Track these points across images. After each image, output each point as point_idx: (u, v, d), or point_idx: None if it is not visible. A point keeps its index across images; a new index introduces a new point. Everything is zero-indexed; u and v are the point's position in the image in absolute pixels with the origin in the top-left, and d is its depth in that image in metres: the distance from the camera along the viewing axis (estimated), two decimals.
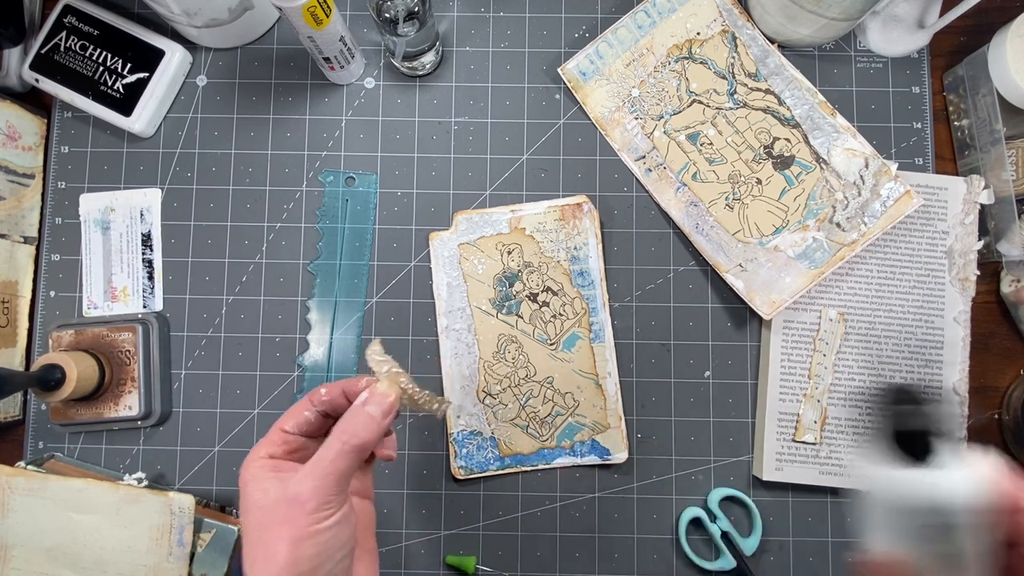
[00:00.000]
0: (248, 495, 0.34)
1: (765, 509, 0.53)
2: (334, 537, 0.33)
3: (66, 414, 0.53)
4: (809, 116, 0.54)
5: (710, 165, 0.55)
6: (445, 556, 0.53)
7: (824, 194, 0.54)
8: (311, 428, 0.37)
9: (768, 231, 0.54)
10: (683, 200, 0.55)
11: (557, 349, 0.54)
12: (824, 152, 0.54)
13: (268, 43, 0.58)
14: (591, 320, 0.54)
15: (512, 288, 0.55)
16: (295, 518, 0.32)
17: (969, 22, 0.55)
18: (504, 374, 0.54)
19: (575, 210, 0.55)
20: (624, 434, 0.53)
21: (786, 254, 0.53)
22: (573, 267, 0.55)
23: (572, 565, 0.53)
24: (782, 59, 0.55)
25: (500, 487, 0.54)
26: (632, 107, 0.56)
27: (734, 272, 0.54)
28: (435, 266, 0.55)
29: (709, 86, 0.56)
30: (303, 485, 0.32)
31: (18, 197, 0.55)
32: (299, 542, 0.31)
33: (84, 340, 0.53)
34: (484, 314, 0.54)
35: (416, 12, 0.50)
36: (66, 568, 0.49)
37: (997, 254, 0.54)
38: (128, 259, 0.56)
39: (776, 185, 0.54)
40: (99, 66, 0.55)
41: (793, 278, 0.53)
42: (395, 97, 0.58)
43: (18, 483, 0.49)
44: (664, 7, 0.56)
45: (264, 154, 0.57)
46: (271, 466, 0.34)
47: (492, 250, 0.55)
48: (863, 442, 0.53)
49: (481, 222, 0.55)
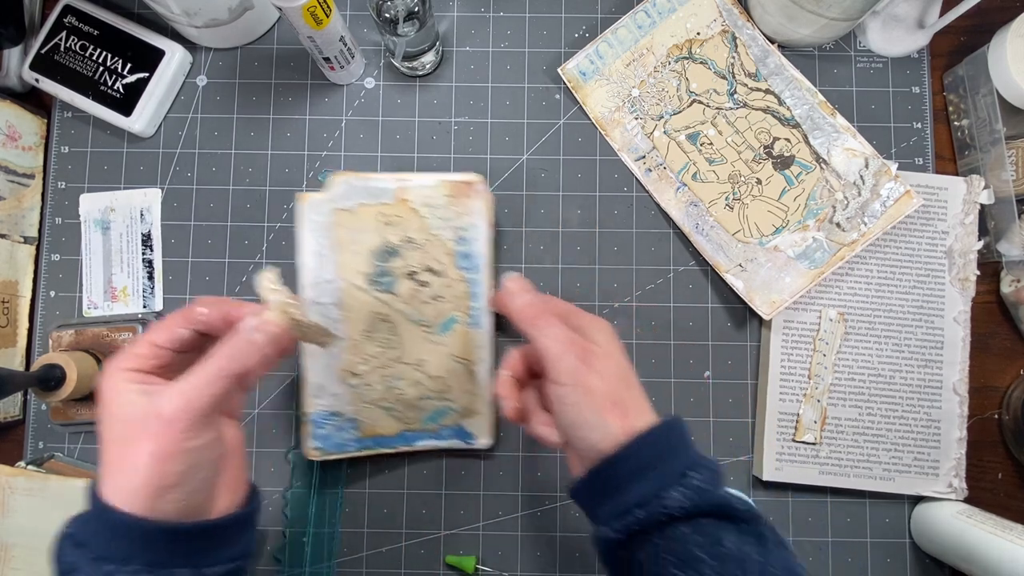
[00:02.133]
0: (109, 407, 0.32)
1: (765, 509, 0.53)
2: (201, 456, 0.32)
3: (66, 414, 0.53)
4: (809, 116, 0.54)
5: (710, 165, 0.55)
6: (445, 556, 0.53)
7: (824, 194, 0.54)
8: (184, 345, 0.35)
9: (768, 231, 0.54)
10: (683, 200, 0.55)
11: (432, 332, 0.51)
12: (824, 152, 0.54)
13: (268, 43, 0.58)
14: (471, 305, 0.51)
15: (390, 264, 0.51)
16: (161, 435, 0.31)
17: (969, 22, 0.55)
18: (372, 354, 0.51)
19: (467, 188, 0.51)
20: (492, 420, 0.52)
21: (786, 254, 0.53)
22: (459, 248, 0.51)
23: (572, 565, 0.53)
24: (782, 59, 0.55)
25: (500, 486, 0.54)
26: (632, 107, 0.56)
27: (734, 272, 0.54)
28: (303, 231, 0.50)
29: (709, 86, 0.56)
30: (173, 403, 0.31)
31: (18, 197, 0.55)
32: (165, 459, 0.31)
33: (84, 340, 0.53)
34: (356, 289, 0.50)
35: (416, 12, 0.50)
36: None
37: (997, 254, 0.54)
38: (128, 259, 0.56)
39: (776, 185, 0.54)
40: (99, 66, 0.55)
41: (793, 278, 0.53)
42: (395, 97, 0.58)
43: (18, 483, 0.49)
44: (664, 7, 0.56)
45: (264, 154, 0.57)
46: (136, 379, 0.33)
47: (372, 220, 0.51)
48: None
49: (363, 188, 0.51)
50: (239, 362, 0.33)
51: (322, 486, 0.54)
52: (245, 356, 0.33)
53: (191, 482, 0.32)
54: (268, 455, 0.54)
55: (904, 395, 0.53)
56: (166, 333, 0.35)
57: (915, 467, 0.53)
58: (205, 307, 0.35)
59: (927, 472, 0.53)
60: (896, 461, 0.53)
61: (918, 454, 0.53)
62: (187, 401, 0.32)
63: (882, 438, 0.53)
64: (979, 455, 0.54)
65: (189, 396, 0.32)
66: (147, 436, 0.31)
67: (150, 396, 0.32)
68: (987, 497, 0.53)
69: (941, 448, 0.53)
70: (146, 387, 0.32)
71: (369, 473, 0.54)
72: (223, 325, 0.35)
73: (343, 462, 0.54)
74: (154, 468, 0.30)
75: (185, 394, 0.32)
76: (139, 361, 0.34)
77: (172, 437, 0.31)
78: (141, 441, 0.31)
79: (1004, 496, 0.54)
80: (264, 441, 0.55)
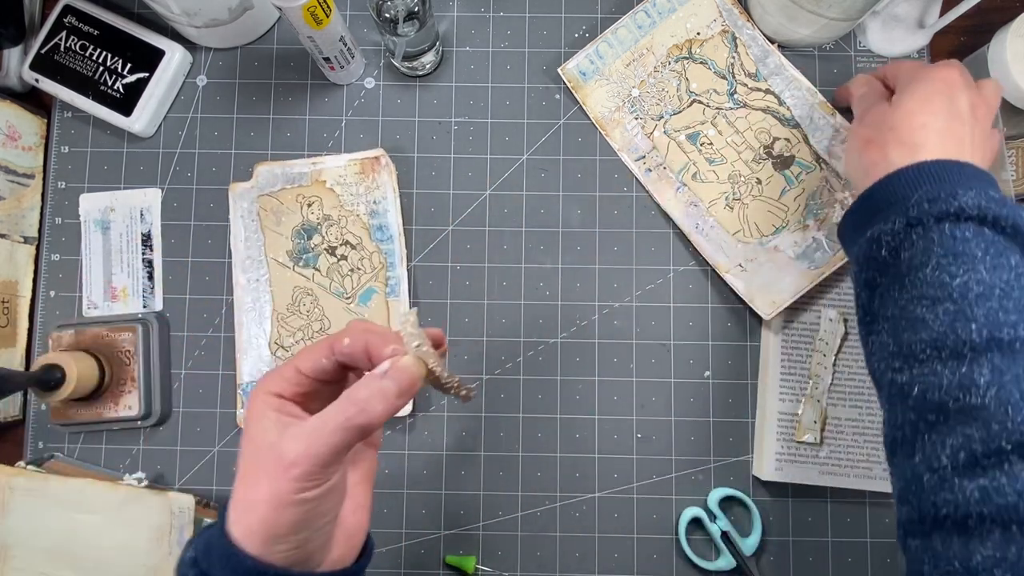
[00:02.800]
0: (249, 430, 0.31)
1: (765, 509, 0.53)
2: (317, 507, 0.30)
3: (66, 414, 0.53)
4: (809, 116, 0.55)
5: (710, 165, 0.55)
6: (445, 556, 0.53)
7: (825, 194, 0.54)
8: (325, 374, 0.33)
9: (768, 231, 0.54)
10: (683, 200, 0.55)
11: (353, 303, 0.54)
12: (824, 152, 0.54)
13: (268, 43, 0.58)
14: (388, 275, 0.55)
15: (311, 241, 0.55)
16: (279, 479, 0.29)
17: (969, 22, 0.55)
18: (298, 327, 0.54)
19: (374, 163, 0.55)
20: None
21: (786, 254, 0.53)
22: (372, 221, 0.55)
23: (572, 565, 0.53)
24: (782, 59, 0.55)
25: (500, 486, 0.54)
26: (632, 107, 0.56)
27: (734, 272, 0.54)
28: (233, 217, 0.55)
29: (709, 86, 0.56)
30: (294, 447, 0.29)
31: (18, 197, 0.55)
32: (279, 506, 0.29)
33: (84, 340, 0.53)
34: (281, 266, 0.55)
35: (416, 12, 0.50)
36: (66, 568, 0.49)
37: None
38: (128, 259, 0.56)
39: (776, 185, 0.54)
40: (99, 66, 0.55)
41: (793, 278, 0.53)
42: (395, 97, 0.58)
43: (18, 483, 0.49)
44: (664, 7, 0.56)
45: (264, 154, 0.57)
46: (276, 405, 0.31)
47: (292, 202, 0.55)
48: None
49: (282, 174, 0.55)
50: (366, 412, 0.30)
51: None
52: (373, 404, 0.31)
53: (304, 532, 0.30)
54: None
55: None
56: (310, 361, 0.32)
57: None
58: (350, 335, 0.33)
59: None
60: None
61: None
62: (307, 447, 0.29)
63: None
64: None
65: (310, 441, 0.30)
66: (267, 475, 0.29)
67: (282, 428, 0.30)
68: None
69: None
70: (283, 417, 0.31)
71: None
72: (365, 359, 0.33)
73: None
74: (268, 514, 0.29)
75: (307, 439, 0.30)
76: (284, 385, 0.32)
77: (287, 485, 0.29)
78: (262, 478, 0.29)
79: None
80: None
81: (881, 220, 0.37)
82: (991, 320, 0.32)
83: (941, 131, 0.39)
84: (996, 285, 0.32)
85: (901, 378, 0.35)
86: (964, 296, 0.32)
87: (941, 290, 0.33)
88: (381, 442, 0.38)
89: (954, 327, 0.32)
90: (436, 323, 0.55)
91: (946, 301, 0.33)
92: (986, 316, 0.32)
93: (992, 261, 0.33)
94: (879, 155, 0.40)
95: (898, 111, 0.41)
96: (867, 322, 0.39)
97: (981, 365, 0.32)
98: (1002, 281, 0.32)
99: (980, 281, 0.32)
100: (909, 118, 0.41)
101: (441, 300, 0.56)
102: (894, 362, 0.36)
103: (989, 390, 0.31)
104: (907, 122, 0.40)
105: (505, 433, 0.54)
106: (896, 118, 0.41)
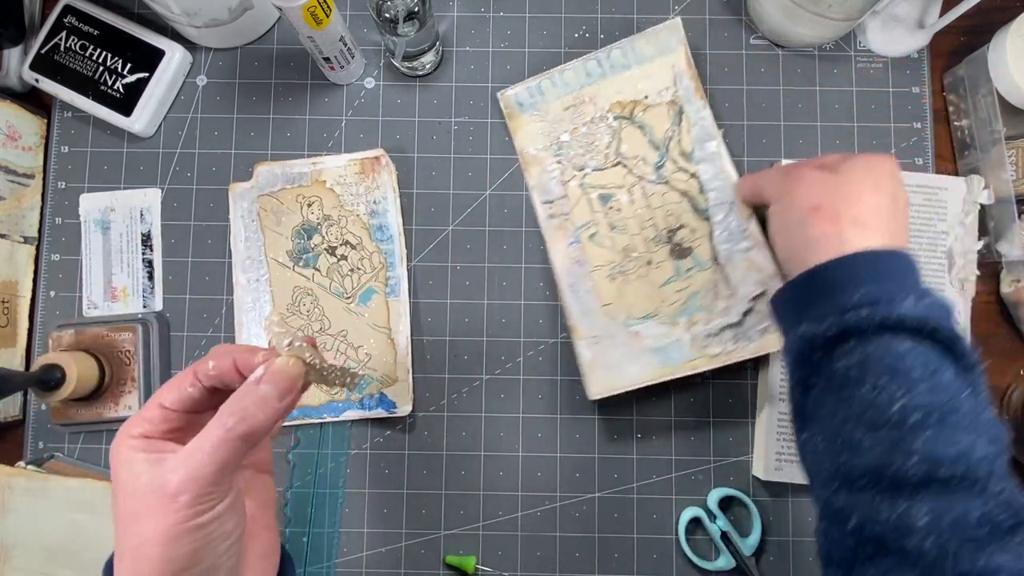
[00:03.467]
0: (117, 479, 0.29)
1: (765, 509, 0.53)
2: (215, 531, 0.29)
3: (66, 414, 0.53)
4: (724, 214, 0.51)
5: (611, 231, 0.53)
6: (445, 556, 0.53)
7: (707, 298, 0.51)
8: (195, 404, 0.31)
9: (637, 315, 0.52)
10: (571, 256, 0.53)
11: (353, 303, 0.54)
12: (725, 256, 0.51)
13: (268, 43, 0.58)
14: (388, 275, 0.55)
15: (311, 241, 0.55)
16: (167, 512, 0.27)
17: (969, 22, 0.55)
18: (298, 327, 0.55)
19: (374, 163, 0.55)
20: (410, 387, 0.53)
21: (644, 343, 0.51)
22: (372, 221, 0.55)
23: (572, 565, 0.53)
24: (722, 148, 0.52)
25: (500, 486, 0.54)
26: (558, 151, 0.54)
27: (587, 342, 0.51)
28: (233, 217, 0.55)
29: (639, 153, 0.53)
30: (176, 475, 0.28)
31: (18, 197, 0.55)
32: (173, 540, 0.27)
33: (84, 340, 0.53)
34: (280, 266, 0.55)
35: (416, 12, 0.50)
36: (66, 568, 0.49)
37: (997, 254, 0.54)
38: (128, 259, 0.56)
39: (664, 272, 0.52)
40: (99, 66, 0.55)
41: (640, 369, 0.50)
42: (395, 97, 0.58)
43: (18, 483, 0.49)
44: (619, 62, 0.54)
45: (264, 154, 0.57)
46: (144, 446, 0.29)
47: (292, 202, 0.55)
48: None
49: (282, 174, 0.55)
50: (247, 421, 0.29)
51: (322, 485, 0.54)
52: (254, 411, 0.29)
53: (208, 559, 0.29)
54: None
55: None
56: (174, 392, 0.31)
57: None
58: (215, 359, 0.31)
59: None
60: None
61: None
62: (189, 470, 0.28)
63: None
64: None
65: (191, 464, 0.28)
66: (153, 512, 0.28)
67: (158, 466, 0.28)
68: None
69: None
70: (155, 455, 0.29)
71: (369, 473, 0.54)
72: (236, 376, 0.31)
73: (344, 461, 0.54)
74: (163, 552, 0.27)
75: (187, 463, 0.28)
76: (148, 426, 0.30)
77: (177, 516, 0.27)
78: (148, 518, 0.28)
79: None
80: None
81: (816, 319, 0.36)
82: (929, 454, 0.31)
83: (889, 217, 0.38)
84: (934, 411, 0.31)
85: (838, 501, 0.34)
86: (902, 423, 0.32)
87: (878, 414, 0.32)
88: (272, 468, 0.37)
89: (892, 458, 0.31)
90: (436, 323, 0.55)
91: (884, 427, 0.32)
92: (924, 448, 0.31)
93: (929, 382, 0.32)
94: (831, 227, 0.38)
95: (851, 186, 0.39)
96: (801, 419, 0.38)
97: (920, 504, 0.31)
98: (940, 405, 0.31)
99: (918, 407, 0.32)
100: (862, 197, 0.39)
101: (441, 300, 0.56)
102: (831, 482, 0.34)
103: (928, 536, 0.30)
104: (861, 201, 0.39)
105: (505, 433, 0.55)
106: (850, 192, 0.39)
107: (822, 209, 0.39)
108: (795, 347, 0.37)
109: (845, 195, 0.39)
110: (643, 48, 0.54)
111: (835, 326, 0.34)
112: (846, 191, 0.39)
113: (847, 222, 0.38)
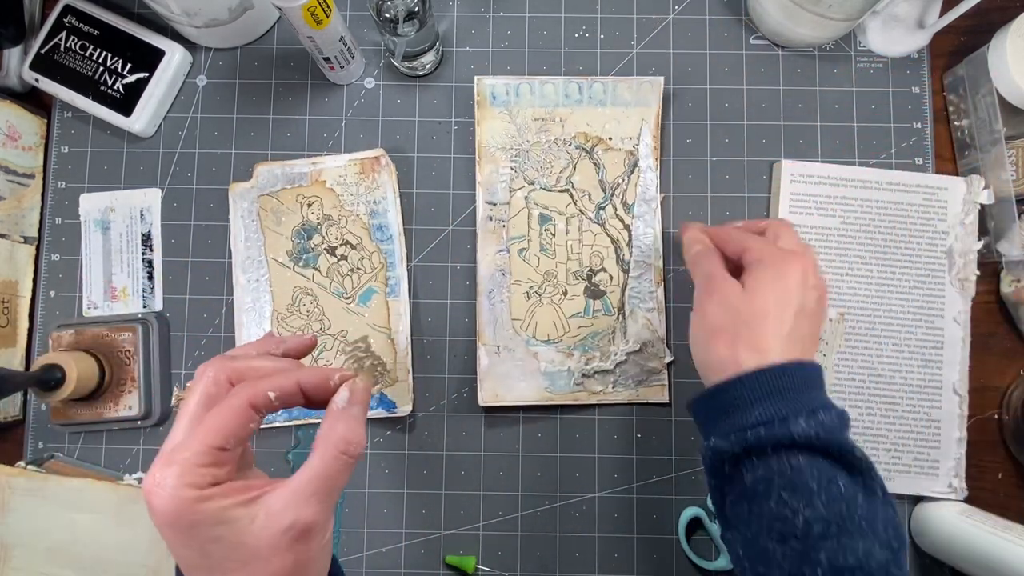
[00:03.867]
0: (202, 536, 0.27)
1: None
2: (326, 548, 0.30)
3: (66, 414, 0.53)
4: (640, 272, 0.54)
5: (540, 251, 0.55)
6: (445, 556, 0.53)
7: (604, 341, 0.54)
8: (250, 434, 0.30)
9: (541, 336, 0.54)
10: (496, 263, 0.54)
11: (353, 303, 0.54)
12: (629, 310, 0.54)
13: (268, 43, 0.58)
14: (388, 275, 0.55)
15: (311, 241, 0.55)
16: (301, 549, 0.27)
17: (969, 22, 0.55)
18: (298, 327, 0.55)
19: (374, 163, 0.55)
20: (411, 387, 0.53)
21: (538, 365, 0.53)
22: (372, 221, 0.55)
23: (572, 565, 0.53)
24: (658, 214, 0.55)
25: (500, 486, 0.54)
26: (515, 157, 0.55)
27: (489, 349, 0.53)
28: (233, 217, 0.55)
29: (588, 188, 0.55)
30: (309, 510, 0.28)
31: (18, 197, 0.55)
32: (303, 568, 0.28)
33: (84, 340, 0.53)
34: (280, 266, 0.55)
35: (416, 12, 0.50)
36: (66, 568, 0.49)
37: (997, 254, 0.54)
38: (128, 259, 0.56)
39: (575, 306, 0.54)
40: (99, 66, 0.55)
41: (528, 387, 0.53)
42: (395, 97, 0.58)
43: (18, 483, 0.49)
44: (597, 96, 0.55)
45: (264, 154, 0.57)
46: (224, 492, 0.27)
47: (292, 202, 0.55)
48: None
49: (282, 174, 0.55)
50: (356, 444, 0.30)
51: None
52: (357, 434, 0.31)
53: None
54: (267, 455, 0.54)
55: (904, 395, 0.53)
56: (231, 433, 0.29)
57: (915, 467, 0.53)
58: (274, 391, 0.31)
59: (927, 472, 0.53)
60: (896, 461, 0.53)
61: (918, 454, 0.53)
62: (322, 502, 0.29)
63: (882, 438, 0.53)
64: (979, 455, 0.54)
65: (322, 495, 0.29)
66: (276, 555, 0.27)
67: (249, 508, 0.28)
68: (987, 497, 0.53)
69: (941, 448, 0.53)
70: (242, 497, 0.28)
71: (369, 473, 0.54)
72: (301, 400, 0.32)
73: None
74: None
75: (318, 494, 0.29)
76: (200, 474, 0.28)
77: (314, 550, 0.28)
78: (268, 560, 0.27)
79: (1004, 496, 0.54)
80: (264, 441, 0.55)
81: (723, 435, 0.37)
82: (833, 564, 0.33)
83: (789, 336, 0.39)
84: (833, 520, 0.34)
85: None
86: (807, 535, 0.34)
87: (785, 526, 0.34)
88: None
89: (801, 570, 0.34)
90: (436, 323, 0.55)
91: (791, 539, 0.34)
92: (828, 559, 0.33)
93: (826, 493, 0.34)
94: (728, 353, 0.39)
95: (753, 306, 0.40)
96: (723, 520, 0.40)
97: None
98: (838, 515, 0.34)
99: (819, 518, 0.34)
100: (764, 321, 0.39)
101: (441, 300, 0.56)
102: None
103: None
104: (761, 326, 0.39)
105: (505, 433, 0.54)
106: (751, 315, 0.39)
107: (724, 334, 0.40)
108: (708, 457, 0.39)
109: (747, 319, 0.39)
110: (623, 92, 0.55)
111: (738, 444, 0.36)
112: (748, 313, 0.39)
113: (743, 347, 0.39)
